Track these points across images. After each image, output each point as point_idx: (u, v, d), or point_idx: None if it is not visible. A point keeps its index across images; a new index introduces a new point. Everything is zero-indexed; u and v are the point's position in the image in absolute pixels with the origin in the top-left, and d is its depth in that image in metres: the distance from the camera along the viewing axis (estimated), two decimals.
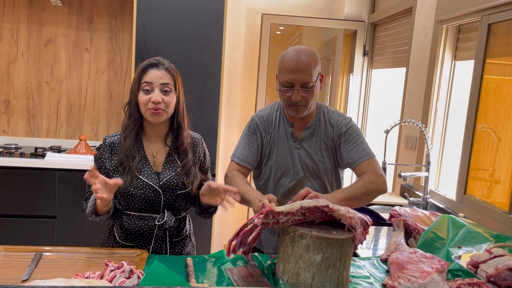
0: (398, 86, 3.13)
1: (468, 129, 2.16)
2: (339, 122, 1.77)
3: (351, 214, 1.34)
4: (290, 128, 1.79)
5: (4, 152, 3.06)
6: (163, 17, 2.96)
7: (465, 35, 2.37)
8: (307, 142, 1.78)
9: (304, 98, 1.66)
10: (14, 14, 3.36)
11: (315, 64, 1.66)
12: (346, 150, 1.74)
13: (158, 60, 1.63)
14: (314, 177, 1.79)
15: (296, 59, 1.64)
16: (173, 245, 1.70)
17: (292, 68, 1.63)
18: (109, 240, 1.69)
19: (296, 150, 1.78)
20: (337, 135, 1.76)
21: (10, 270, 1.33)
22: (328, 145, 1.78)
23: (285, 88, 1.68)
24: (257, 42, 3.71)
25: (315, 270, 1.30)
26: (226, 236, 3.93)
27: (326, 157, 1.78)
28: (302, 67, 1.63)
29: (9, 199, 2.94)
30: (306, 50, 1.67)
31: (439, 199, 2.40)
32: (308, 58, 1.64)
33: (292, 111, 1.71)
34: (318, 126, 1.79)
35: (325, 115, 1.80)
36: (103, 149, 1.63)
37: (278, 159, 1.79)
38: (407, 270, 1.41)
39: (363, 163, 1.71)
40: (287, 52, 1.69)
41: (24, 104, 3.47)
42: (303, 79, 1.63)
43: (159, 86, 1.58)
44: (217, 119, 3.10)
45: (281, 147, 1.79)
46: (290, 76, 1.64)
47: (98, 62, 3.51)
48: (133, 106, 1.61)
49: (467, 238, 1.61)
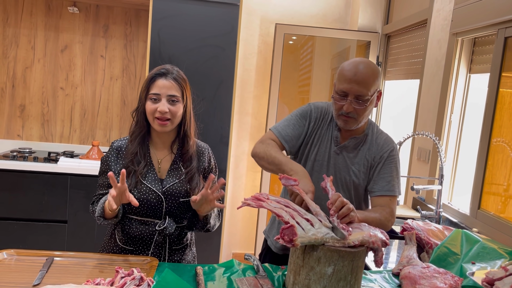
0: (411, 98, 3.11)
1: (483, 143, 2.13)
2: (385, 144, 1.74)
3: (373, 238, 1.32)
4: (336, 132, 1.74)
5: (18, 155, 3.10)
6: (178, 25, 2.99)
7: (480, 48, 2.35)
8: (348, 152, 1.74)
9: (356, 110, 1.62)
10: (32, 20, 3.42)
11: (375, 79, 1.62)
12: (380, 175, 1.70)
13: (167, 70, 1.64)
14: (344, 188, 1.75)
15: (356, 69, 1.60)
16: (173, 253, 1.70)
17: (349, 77, 1.60)
18: (110, 242, 1.70)
19: (335, 154, 1.74)
20: (379, 156, 1.72)
21: (21, 274, 1.34)
22: (369, 162, 1.73)
23: (338, 97, 1.64)
24: (270, 51, 3.72)
25: (326, 283, 1.28)
26: (235, 246, 3.92)
27: (362, 173, 1.73)
28: (360, 79, 1.59)
29: (22, 203, 2.96)
30: (369, 63, 1.63)
31: (452, 213, 2.37)
32: (368, 71, 1.60)
33: (342, 121, 1.67)
34: (364, 141, 1.75)
35: (374, 133, 1.76)
36: (110, 152, 1.66)
37: (317, 157, 1.76)
38: (420, 285, 1.39)
39: (385, 196, 1.68)
40: (349, 61, 1.65)
41: (39, 109, 3.51)
42: (359, 91, 1.59)
43: (166, 97, 1.60)
44: (228, 127, 3.11)
45: (323, 146, 1.76)
46: (346, 85, 1.61)
47: (112, 69, 3.55)
48: (140, 113, 1.63)
49: (481, 254, 1.58)
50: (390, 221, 1.63)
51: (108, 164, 1.64)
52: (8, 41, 3.42)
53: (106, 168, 1.64)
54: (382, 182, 1.69)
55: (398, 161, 1.74)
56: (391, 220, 1.64)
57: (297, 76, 4.03)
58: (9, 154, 3.12)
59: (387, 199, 1.67)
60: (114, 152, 1.65)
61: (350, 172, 1.73)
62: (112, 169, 1.62)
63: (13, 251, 1.46)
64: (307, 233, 1.28)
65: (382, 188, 1.69)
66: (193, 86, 3.02)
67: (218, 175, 3.07)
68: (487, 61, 2.25)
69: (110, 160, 1.64)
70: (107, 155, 1.66)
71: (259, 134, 3.82)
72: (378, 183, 1.70)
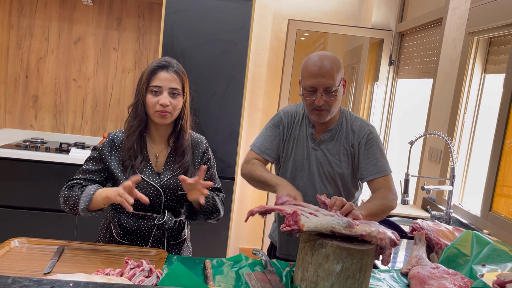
0: (423, 97, 3.08)
1: (496, 144, 2.11)
2: (361, 129, 1.77)
3: (381, 235, 1.32)
4: (311, 129, 1.80)
5: (30, 145, 3.13)
6: (191, 19, 2.99)
7: (496, 48, 2.32)
8: (326, 145, 1.79)
9: (327, 102, 1.68)
10: (46, 12, 3.45)
11: (338, 69, 1.68)
12: (365, 160, 1.74)
13: (168, 62, 1.63)
14: (329, 180, 1.79)
15: (319, 64, 1.66)
16: (170, 247, 1.69)
17: (315, 72, 1.65)
18: (105, 236, 1.69)
19: (314, 150, 1.79)
20: (357, 142, 1.76)
21: (32, 262, 1.35)
22: (348, 150, 1.77)
23: (308, 93, 1.69)
24: (282, 47, 3.71)
25: (334, 280, 1.28)
26: (242, 240, 3.93)
27: (344, 162, 1.77)
28: (325, 72, 1.65)
29: (33, 192, 3.00)
30: (329, 56, 1.69)
31: (463, 214, 2.35)
32: (331, 63, 1.66)
33: (315, 116, 1.72)
34: (340, 131, 1.79)
35: (348, 121, 1.80)
36: (105, 143, 1.64)
37: (296, 157, 1.81)
38: (429, 286, 1.38)
39: (379, 178, 1.71)
40: (310, 58, 1.71)
41: (51, 100, 3.55)
42: (326, 83, 1.65)
43: (168, 89, 1.59)
44: (239, 123, 3.11)
45: (300, 145, 1.81)
46: (313, 80, 1.66)
47: (124, 61, 3.57)
48: (140, 106, 1.61)
49: (491, 256, 1.56)
50: (394, 198, 1.67)
51: (102, 151, 1.61)
52: (22, 32, 3.45)
53: (99, 155, 1.61)
54: (369, 166, 1.73)
55: (379, 140, 1.77)
56: (394, 197, 1.67)
57: None
58: (22, 144, 3.16)
59: (381, 180, 1.71)
60: (108, 144, 1.63)
61: (332, 164, 1.77)
62: (108, 158, 1.61)
63: (25, 239, 1.47)
64: (312, 220, 1.30)
65: (371, 172, 1.72)
66: (204, 80, 3.04)
67: (227, 170, 3.10)
68: (503, 61, 2.21)
69: (104, 151, 1.61)
70: (103, 145, 1.63)
71: None
72: (366, 168, 1.73)
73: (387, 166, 1.74)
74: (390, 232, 1.36)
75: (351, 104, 3.91)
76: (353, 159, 1.78)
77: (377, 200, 1.64)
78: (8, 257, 1.37)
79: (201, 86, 3.03)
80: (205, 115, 3.07)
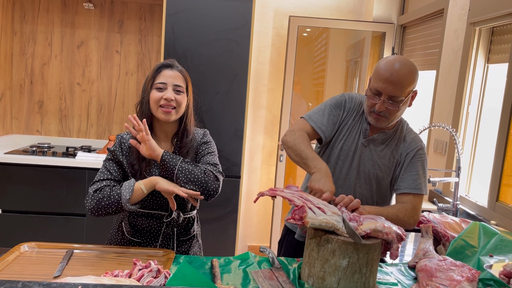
0: (426, 89, 3.07)
1: (501, 134, 2.10)
2: (413, 142, 1.71)
3: (387, 229, 1.32)
4: (366, 124, 1.73)
5: (37, 150, 3.16)
6: (192, 19, 3.00)
7: (499, 37, 2.31)
8: (375, 145, 1.73)
9: (388, 110, 1.61)
10: (49, 17, 3.47)
11: (411, 80, 1.59)
12: (406, 173, 1.68)
13: (172, 62, 1.68)
14: (366, 180, 1.73)
15: (392, 69, 1.57)
16: (180, 244, 1.72)
17: (385, 77, 1.57)
18: (117, 235, 1.72)
19: (363, 146, 1.73)
20: (405, 153, 1.70)
21: (42, 266, 1.37)
22: (395, 157, 1.72)
23: (372, 95, 1.63)
24: (284, 44, 3.70)
25: (340, 275, 1.28)
26: (250, 238, 3.94)
27: (386, 167, 1.72)
28: (396, 80, 1.56)
29: (41, 197, 3.03)
30: (407, 64, 1.59)
31: (470, 205, 2.34)
32: (404, 72, 1.57)
33: (372, 119, 1.66)
34: (393, 137, 1.73)
35: (403, 131, 1.75)
36: (115, 144, 1.66)
37: (344, 146, 1.75)
38: (436, 278, 1.38)
39: (409, 194, 1.65)
40: (386, 59, 1.62)
41: (56, 104, 3.57)
42: (393, 91, 1.57)
43: (172, 86, 1.62)
44: (243, 121, 3.12)
45: (351, 136, 1.75)
46: (381, 85, 1.58)
47: (127, 64, 3.59)
48: (145, 104, 1.64)
49: (499, 247, 1.56)
50: (412, 217, 1.60)
51: (115, 153, 1.63)
52: (25, 38, 3.48)
53: (114, 156, 1.63)
54: (408, 180, 1.67)
55: (425, 160, 1.70)
56: (414, 217, 1.61)
57: (311, 68, 4.01)
58: (29, 149, 3.19)
59: (411, 197, 1.64)
60: (118, 145, 1.65)
61: (374, 165, 1.72)
62: (120, 158, 1.62)
63: (34, 243, 1.49)
64: (318, 216, 1.31)
65: (407, 186, 1.66)
66: (207, 80, 3.05)
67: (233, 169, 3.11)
68: (506, 50, 2.20)
69: (117, 152, 1.63)
70: (114, 147, 1.65)
71: (274, 127, 3.82)
72: (404, 181, 1.67)
73: (424, 187, 1.67)
74: (396, 227, 1.37)
75: None
76: (396, 167, 1.72)
77: (393, 210, 1.59)
78: (18, 261, 1.39)
79: (204, 86, 3.04)
80: (209, 114, 3.08)
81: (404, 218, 1.58)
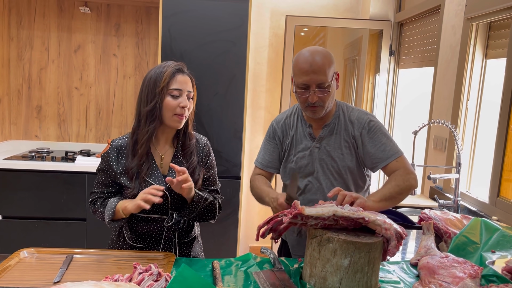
0: (425, 86, 3.07)
1: (501, 130, 2.09)
2: (360, 119, 1.74)
3: (387, 225, 1.31)
4: (308, 128, 1.78)
5: (36, 156, 3.15)
6: (188, 21, 2.99)
7: (496, 32, 2.30)
8: (326, 141, 1.76)
9: (321, 98, 1.65)
10: (45, 22, 3.47)
11: (330, 64, 1.65)
12: (372, 149, 1.70)
13: (182, 65, 1.65)
14: (335, 176, 1.76)
15: (311, 60, 1.62)
16: (182, 246, 1.71)
17: (306, 69, 1.62)
18: (119, 241, 1.70)
19: (316, 149, 1.76)
20: (358, 133, 1.73)
21: (42, 272, 1.36)
22: (349, 142, 1.74)
23: (301, 90, 1.67)
24: (281, 44, 3.70)
25: (342, 275, 1.28)
26: (252, 239, 3.93)
27: (347, 154, 1.74)
28: (317, 68, 1.62)
29: (41, 202, 3.02)
30: (320, 51, 1.66)
31: (471, 201, 2.33)
32: (322, 59, 1.63)
33: (310, 112, 1.70)
34: (338, 124, 1.76)
35: (345, 113, 1.77)
36: (110, 151, 1.63)
37: (297, 160, 1.79)
38: (439, 275, 1.37)
39: (392, 162, 1.68)
40: (300, 54, 1.67)
41: (55, 109, 3.57)
42: (318, 79, 1.62)
43: (186, 92, 1.60)
44: (242, 122, 3.11)
45: (301, 148, 1.79)
46: (305, 78, 1.63)
47: (125, 67, 3.58)
48: (158, 110, 1.58)
49: (501, 242, 1.55)
50: (411, 178, 1.63)
51: (109, 162, 1.62)
52: (22, 43, 3.47)
53: (107, 166, 1.63)
54: (378, 153, 1.69)
55: (381, 126, 1.73)
56: (410, 175, 1.63)
57: None
58: (28, 155, 3.18)
59: (394, 163, 1.67)
60: (114, 151, 1.63)
61: (335, 159, 1.75)
62: (114, 168, 1.61)
63: (34, 249, 1.49)
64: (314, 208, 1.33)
65: (382, 158, 1.69)
66: (205, 81, 3.04)
67: (233, 169, 3.10)
68: (504, 45, 2.19)
69: (111, 159, 1.62)
70: (108, 153, 1.63)
71: None
72: (376, 156, 1.70)
73: (397, 148, 1.70)
74: (397, 226, 1.36)
75: (353, 97, 3.89)
76: (356, 150, 1.75)
77: (391, 183, 1.62)
78: (18, 268, 1.38)
79: (202, 87, 3.04)
80: (208, 116, 3.07)
81: (405, 183, 1.61)
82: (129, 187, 1.59)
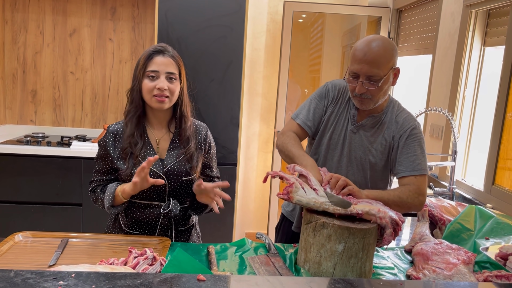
0: (423, 74, 3.05)
1: (498, 118, 2.09)
2: (406, 122, 1.65)
3: (381, 213, 1.31)
4: (354, 110, 1.69)
5: (31, 140, 3.13)
6: (185, 6, 2.96)
7: (495, 20, 2.28)
8: (365, 131, 1.69)
9: (369, 91, 1.56)
10: (40, 5, 3.42)
11: (388, 57, 1.54)
12: (403, 155, 1.63)
13: (164, 47, 1.61)
14: (359, 167, 1.70)
15: (366, 49, 1.53)
16: (179, 234, 1.70)
17: (360, 58, 1.53)
18: (114, 227, 1.70)
19: (352, 133, 1.69)
20: (398, 135, 1.65)
21: (37, 255, 1.36)
22: (387, 140, 1.67)
23: (350, 78, 1.59)
24: (279, 30, 3.67)
25: (336, 260, 1.28)
26: (248, 225, 3.95)
27: (379, 152, 1.67)
28: (371, 58, 1.52)
29: (37, 187, 3.01)
30: (382, 41, 1.54)
31: (466, 189, 2.34)
32: (379, 50, 1.53)
33: (357, 102, 1.63)
34: (383, 120, 1.68)
35: (394, 112, 1.69)
36: (106, 137, 1.63)
37: (332, 135, 1.72)
38: (432, 262, 1.38)
39: (411, 176, 1.60)
40: (361, 40, 1.58)
41: (50, 94, 3.54)
42: (369, 71, 1.53)
43: (165, 74, 1.58)
44: (238, 108, 3.10)
45: (339, 124, 1.72)
46: (357, 66, 1.55)
47: (121, 52, 3.54)
48: (136, 92, 1.61)
49: (495, 230, 1.56)
50: (417, 198, 1.56)
51: (106, 148, 1.62)
52: (17, 27, 3.43)
53: (104, 152, 1.62)
54: (406, 162, 1.62)
55: (422, 138, 1.65)
56: (418, 197, 1.56)
57: (307, 54, 3.98)
58: (23, 139, 3.16)
59: (412, 178, 1.59)
60: (111, 136, 1.63)
61: (366, 151, 1.68)
62: (111, 153, 1.61)
63: (29, 233, 1.48)
64: (308, 195, 1.34)
65: (406, 168, 1.61)
66: (202, 67, 3.02)
67: (229, 156, 3.10)
68: (502, 33, 2.18)
69: (108, 145, 1.62)
70: (104, 139, 1.63)
71: (270, 115, 3.80)
72: (402, 164, 1.63)
73: (425, 166, 1.61)
74: (392, 212, 1.36)
75: None
76: (390, 151, 1.67)
77: (395, 192, 1.56)
78: (12, 251, 1.38)
79: (198, 73, 3.01)
80: (204, 102, 3.06)
81: (408, 200, 1.54)
82: (123, 168, 1.59)
